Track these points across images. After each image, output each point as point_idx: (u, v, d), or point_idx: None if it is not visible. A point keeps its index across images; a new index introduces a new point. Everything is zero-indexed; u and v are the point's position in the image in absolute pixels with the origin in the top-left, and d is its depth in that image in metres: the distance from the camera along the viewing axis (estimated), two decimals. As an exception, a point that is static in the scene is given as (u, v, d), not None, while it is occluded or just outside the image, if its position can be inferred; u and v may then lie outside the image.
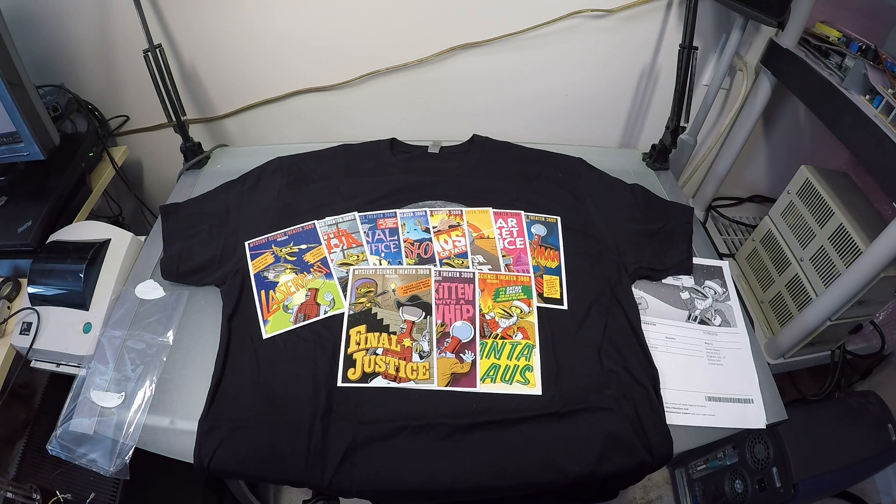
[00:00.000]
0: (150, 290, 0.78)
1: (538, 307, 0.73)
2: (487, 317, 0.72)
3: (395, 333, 0.70)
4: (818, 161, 1.05)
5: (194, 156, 1.01)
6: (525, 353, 0.69)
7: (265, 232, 0.81)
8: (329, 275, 0.76)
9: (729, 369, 0.72)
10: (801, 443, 0.99)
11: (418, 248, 0.79)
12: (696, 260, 0.83)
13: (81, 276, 0.77)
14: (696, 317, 0.77)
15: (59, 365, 0.76)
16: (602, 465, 0.61)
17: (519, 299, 0.74)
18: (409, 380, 0.66)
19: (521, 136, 1.01)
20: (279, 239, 0.80)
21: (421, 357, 0.68)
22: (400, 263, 0.77)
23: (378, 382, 0.66)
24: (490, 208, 0.85)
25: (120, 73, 1.05)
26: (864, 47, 0.87)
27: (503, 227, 0.83)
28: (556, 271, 0.78)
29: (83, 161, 0.97)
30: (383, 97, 1.10)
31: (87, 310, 0.77)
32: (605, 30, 1.01)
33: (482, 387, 0.66)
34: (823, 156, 1.24)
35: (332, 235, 0.81)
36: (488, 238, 0.81)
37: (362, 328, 0.70)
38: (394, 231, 0.81)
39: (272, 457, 0.61)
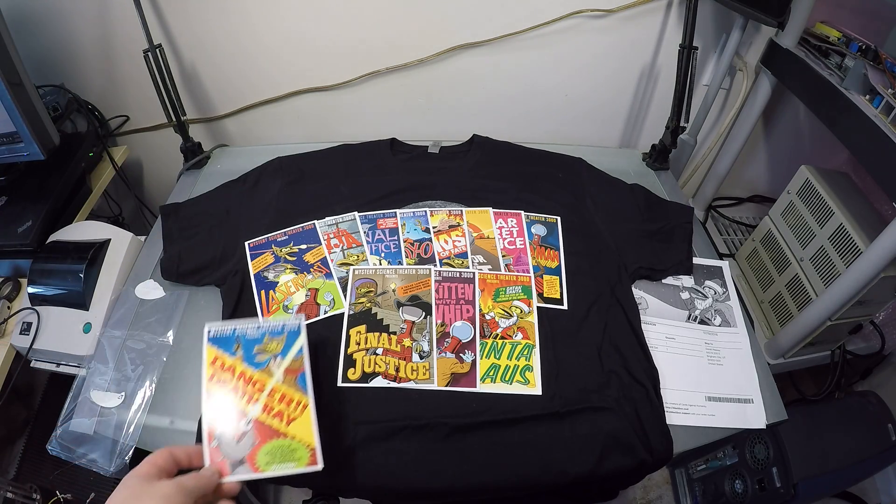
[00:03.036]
0: (150, 290, 0.78)
1: (538, 307, 0.73)
2: (487, 317, 0.72)
3: (395, 333, 0.70)
4: (818, 161, 1.05)
5: (194, 156, 1.01)
6: (525, 353, 0.69)
7: (265, 232, 0.81)
8: (329, 275, 0.76)
9: (729, 369, 0.72)
10: (800, 443, 0.99)
11: (418, 248, 0.79)
12: (696, 260, 0.83)
13: (81, 276, 0.77)
14: (696, 317, 0.77)
15: (59, 365, 0.76)
16: (602, 465, 0.61)
17: (519, 299, 0.74)
18: (409, 380, 0.66)
19: (521, 136, 1.01)
20: (279, 239, 0.80)
21: (421, 357, 0.68)
22: (400, 263, 0.77)
23: (378, 382, 0.66)
24: (490, 208, 0.85)
25: (120, 73, 1.05)
26: (864, 47, 0.87)
27: (503, 227, 0.83)
28: (556, 271, 0.78)
29: (83, 161, 0.97)
30: (383, 97, 1.10)
31: (87, 310, 0.77)
32: (605, 30, 1.01)
33: (482, 387, 0.66)
34: (823, 156, 1.24)
35: (332, 235, 0.81)
36: (488, 238, 0.81)
37: (362, 328, 0.70)
38: (394, 231, 0.81)
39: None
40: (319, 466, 0.51)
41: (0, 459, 0.93)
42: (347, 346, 0.69)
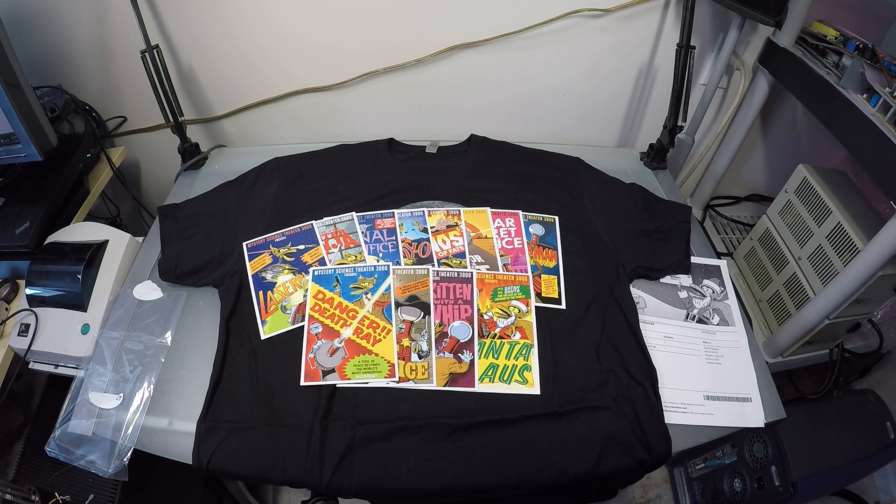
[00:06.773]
0: (148, 291, 0.78)
1: (536, 307, 0.73)
2: (486, 316, 0.72)
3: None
4: (816, 160, 1.06)
5: (192, 156, 1.01)
6: (523, 352, 0.69)
7: (263, 232, 0.81)
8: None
9: (727, 368, 0.72)
10: (799, 441, 0.99)
11: (416, 249, 0.79)
12: (693, 259, 0.83)
13: (79, 277, 0.77)
14: (695, 316, 0.77)
15: (57, 366, 0.76)
16: (601, 465, 0.61)
17: (517, 299, 0.74)
18: (408, 380, 0.66)
19: (519, 136, 1.01)
20: (277, 239, 0.80)
21: (419, 357, 0.68)
22: (398, 263, 0.77)
23: (377, 382, 0.66)
24: (488, 208, 0.85)
25: (117, 74, 1.05)
26: (861, 46, 0.87)
27: (501, 226, 0.83)
28: (555, 271, 0.78)
29: (81, 162, 0.97)
30: (381, 97, 1.10)
31: (86, 311, 0.77)
32: (603, 29, 1.01)
33: (481, 386, 0.66)
34: (821, 155, 1.25)
35: (329, 236, 0.80)
36: (486, 238, 0.81)
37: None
38: (392, 231, 0.81)
39: (271, 457, 0.61)
40: (396, 378, 0.64)
41: (-2, 461, 0.93)
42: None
